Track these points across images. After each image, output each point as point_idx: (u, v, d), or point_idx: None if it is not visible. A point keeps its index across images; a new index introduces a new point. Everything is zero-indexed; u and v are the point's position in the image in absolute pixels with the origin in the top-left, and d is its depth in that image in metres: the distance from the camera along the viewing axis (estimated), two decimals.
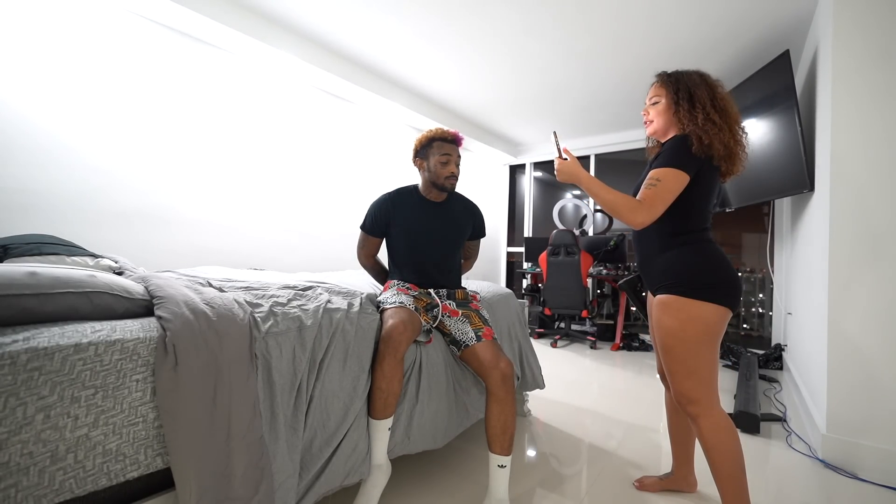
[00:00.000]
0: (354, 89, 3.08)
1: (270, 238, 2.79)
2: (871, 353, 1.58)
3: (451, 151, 1.50)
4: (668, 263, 1.17)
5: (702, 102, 1.14)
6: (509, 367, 1.30)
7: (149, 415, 0.83)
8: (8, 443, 0.68)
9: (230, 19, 2.27)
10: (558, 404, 2.24)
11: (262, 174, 2.75)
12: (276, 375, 1.01)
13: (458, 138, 1.53)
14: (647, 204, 1.10)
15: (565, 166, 1.22)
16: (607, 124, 4.16)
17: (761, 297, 3.88)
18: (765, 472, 1.58)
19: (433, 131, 1.51)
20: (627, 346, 3.62)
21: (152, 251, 2.20)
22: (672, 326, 1.13)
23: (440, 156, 1.48)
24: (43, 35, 1.85)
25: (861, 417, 1.58)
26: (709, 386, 1.12)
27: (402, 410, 1.28)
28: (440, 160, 1.48)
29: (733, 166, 1.16)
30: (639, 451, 1.72)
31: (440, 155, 1.48)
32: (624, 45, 2.63)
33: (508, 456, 1.25)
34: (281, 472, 0.96)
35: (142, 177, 2.18)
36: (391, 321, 1.26)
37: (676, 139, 1.16)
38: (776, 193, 2.38)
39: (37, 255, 1.15)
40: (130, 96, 2.14)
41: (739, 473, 1.10)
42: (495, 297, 1.83)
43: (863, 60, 1.64)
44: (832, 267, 1.67)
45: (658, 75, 1.26)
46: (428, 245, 1.54)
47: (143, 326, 0.87)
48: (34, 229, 1.75)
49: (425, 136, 1.52)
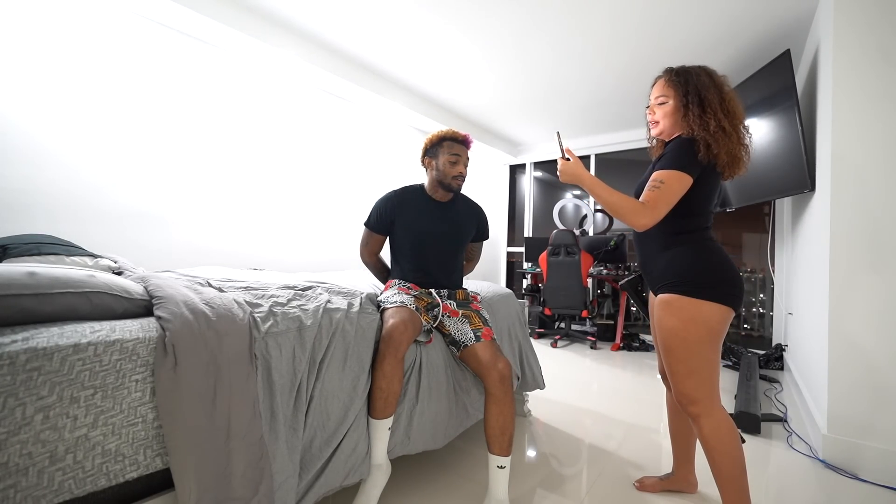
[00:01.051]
0: (355, 89, 3.08)
1: (270, 238, 2.79)
2: (872, 353, 1.58)
3: (460, 152, 1.52)
4: (669, 262, 1.17)
5: (712, 107, 1.12)
6: (507, 367, 1.30)
7: (148, 415, 0.83)
8: (7, 443, 0.68)
9: (230, 18, 2.27)
10: (558, 404, 2.24)
11: (262, 174, 2.75)
12: (275, 375, 1.01)
13: (469, 140, 1.55)
14: (651, 206, 1.09)
15: (568, 167, 1.22)
16: (607, 124, 4.16)
17: (762, 297, 3.88)
18: (765, 472, 1.58)
19: (445, 131, 1.54)
20: (628, 347, 3.61)
21: (152, 251, 2.19)
22: (674, 326, 1.13)
23: (450, 155, 1.50)
24: (42, 35, 1.85)
25: (862, 418, 1.58)
26: (710, 386, 1.12)
27: (402, 411, 1.27)
28: (449, 160, 1.50)
29: (736, 171, 1.15)
30: (639, 452, 1.72)
31: (450, 154, 1.50)
32: (624, 44, 2.63)
33: (508, 457, 1.24)
34: (281, 472, 0.96)
35: (141, 177, 2.18)
36: (392, 321, 1.26)
37: (682, 141, 1.15)
38: (777, 193, 2.38)
39: (36, 255, 1.15)
40: (130, 96, 2.13)
41: (740, 474, 1.10)
42: (495, 298, 1.83)
43: (863, 60, 1.64)
44: (833, 267, 1.67)
45: (665, 72, 1.23)
46: (431, 244, 1.54)
47: (142, 326, 0.87)
48: (33, 229, 1.74)
49: (436, 135, 1.53)
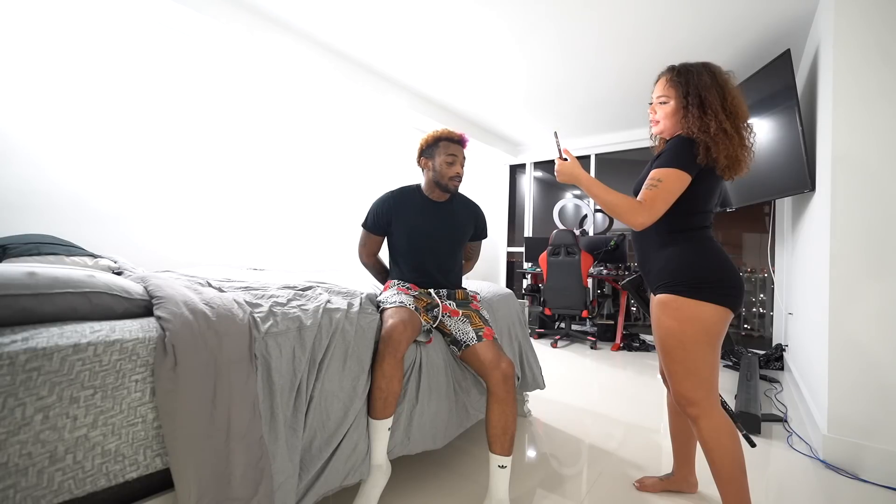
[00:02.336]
0: (355, 89, 3.07)
1: (270, 238, 2.79)
2: (873, 353, 1.58)
3: (456, 152, 1.51)
4: (666, 262, 1.16)
5: (713, 109, 1.10)
6: (510, 367, 1.30)
7: (148, 415, 0.83)
8: (7, 443, 0.68)
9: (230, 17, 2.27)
10: (558, 404, 2.24)
11: (262, 175, 2.75)
12: (275, 376, 1.01)
13: (464, 140, 1.55)
14: (648, 205, 1.09)
15: (565, 167, 1.22)
16: (607, 124, 4.15)
17: (762, 297, 3.88)
18: (765, 472, 1.58)
19: (440, 131, 1.52)
20: (628, 347, 3.61)
21: (151, 251, 2.19)
22: (671, 326, 1.13)
23: (446, 156, 1.50)
24: (41, 35, 1.85)
25: (862, 418, 1.58)
26: (709, 387, 1.12)
27: (401, 411, 1.27)
28: (446, 160, 1.50)
29: (737, 172, 1.14)
30: (639, 452, 1.72)
31: (446, 155, 1.50)
32: (623, 44, 2.62)
33: (509, 456, 1.24)
34: (280, 472, 0.96)
35: (141, 177, 2.18)
36: (391, 321, 1.26)
37: (681, 140, 1.14)
38: (777, 193, 2.38)
39: (35, 255, 1.15)
40: (130, 96, 2.13)
41: (740, 474, 1.10)
42: (495, 298, 1.83)
43: (864, 60, 1.64)
44: (833, 267, 1.67)
45: (667, 70, 1.22)
46: (429, 244, 1.54)
47: (142, 326, 0.87)
48: (33, 229, 1.74)
49: (432, 135, 1.52)
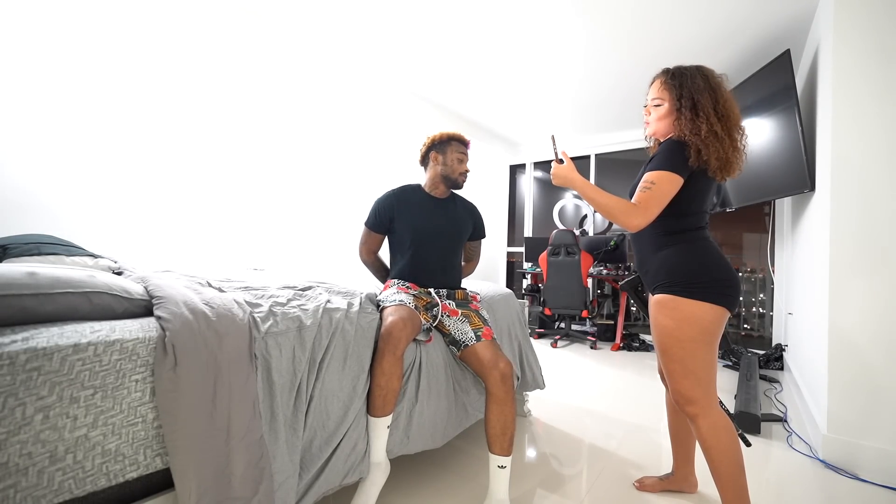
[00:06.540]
0: (355, 89, 3.08)
1: (270, 238, 2.79)
2: (872, 353, 1.58)
3: (465, 153, 1.63)
4: (662, 262, 1.17)
5: (705, 112, 1.12)
6: (509, 367, 1.30)
7: (148, 415, 0.83)
8: (7, 443, 0.68)
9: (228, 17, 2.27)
10: (558, 404, 2.24)
11: (262, 175, 2.75)
12: (275, 375, 1.01)
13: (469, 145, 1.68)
14: (642, 207, 1.10)
15: (560, 170, 1.23)
16: (607, 124, 4.16)
17: (762, 297, 3.88)
18: (765, 472, 1.58)
19: (452, 131, 1.65)
20: (628, 347, 3.61)
21: (151, 251, 2.19)
22: (668, 326, 1.13)
23: (458, 154, 1.60)
24: (41, 35, 1.85)
25: (862, 418, 1.58)
26: (707, 386, 1.12)
27: (401, 410, 1.27)
28: (458, 157, 1.61)
29: (728, 174, 1.15)
30: (639, 452, 1.72)
31: (458, 153, 1.60)
32: (623, 44, 2.62)
33: (508, 456, 1.24)
34: (281, 472, 0.96)
35: (141, 176, 2.18)
36: (391, 318, 1.27)
37: (672, 142, 1.15)
38: (777, 193, 2.38)
39: (36, 255, 1.15)
40: (131, 96, 2.13)
41: (739, 473, 1.10)
42: (495, 297, 1.83)
43: (863, 60, 1.64)
44: (833, 267, 1.67)
45: (661, 73, 1.23)
46: (430, 241, 1.56)
47: (142, 326, 0.87)
48: (33, 229, 1.74)
49: (444, 133, 1.64)
